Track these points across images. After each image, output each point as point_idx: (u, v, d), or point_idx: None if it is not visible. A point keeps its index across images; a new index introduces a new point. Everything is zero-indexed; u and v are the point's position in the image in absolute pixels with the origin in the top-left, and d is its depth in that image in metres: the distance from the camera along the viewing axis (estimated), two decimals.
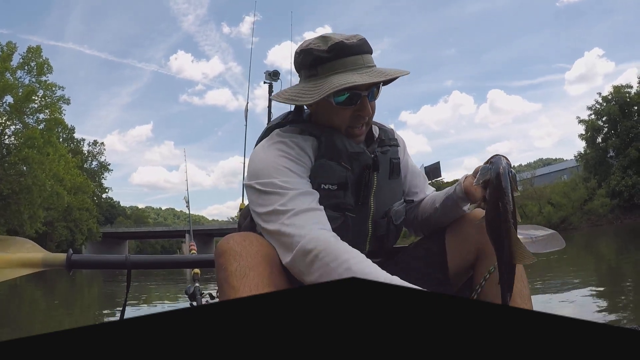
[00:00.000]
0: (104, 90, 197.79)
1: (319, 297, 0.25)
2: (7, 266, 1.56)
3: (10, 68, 34.63)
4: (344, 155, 1.33)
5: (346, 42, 1.28)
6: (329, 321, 0.23)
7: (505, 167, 1.16)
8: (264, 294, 0.25)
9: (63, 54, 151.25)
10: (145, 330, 0.23)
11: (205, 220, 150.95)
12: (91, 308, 7.83)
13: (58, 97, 37.80)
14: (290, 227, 1.14)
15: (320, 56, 1.30)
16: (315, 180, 1.29)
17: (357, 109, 1.32)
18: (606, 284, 6.45)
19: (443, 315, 0.24)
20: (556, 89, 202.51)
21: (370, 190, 1.39)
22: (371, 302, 0.25)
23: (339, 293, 0.25)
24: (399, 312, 0.24)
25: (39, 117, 37.18)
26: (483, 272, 1.33)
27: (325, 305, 0.24)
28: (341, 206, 1.32)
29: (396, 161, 1.49)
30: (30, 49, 36.25)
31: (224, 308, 0.25)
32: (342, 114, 1.33)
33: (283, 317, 0.24)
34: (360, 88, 1.28)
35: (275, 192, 1.20)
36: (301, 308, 0.24)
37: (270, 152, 1.29)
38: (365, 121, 1.37)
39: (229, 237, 1.18)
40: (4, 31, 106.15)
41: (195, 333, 0.23)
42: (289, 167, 1.25)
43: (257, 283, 1.08)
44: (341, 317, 0.23)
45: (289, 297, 0.26)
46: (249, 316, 0.24)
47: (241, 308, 0.25)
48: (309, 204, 1.19)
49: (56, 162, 37.20)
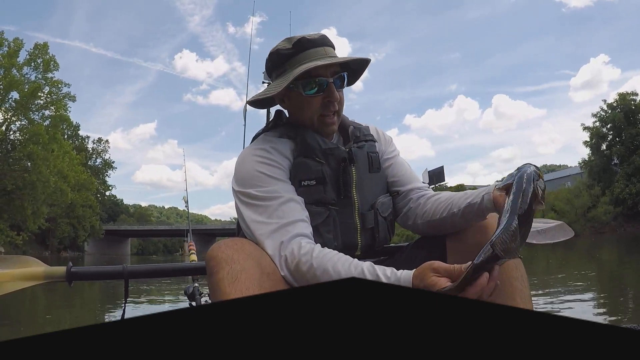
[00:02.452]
0: (109, 88, 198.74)
1: (319, 297, 0.25)
2: (10, 280, 1.66)
3: (16, 64, 34.81)
4: (317, 151, 1.41)
5: (308, 37, 1.40)
6: (328, 321, 0.23)
7: (531, 174, 1.12)
8: (264, 293, 0.25)
9: (69, 51, 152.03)
10: (145, 330, 0.23)
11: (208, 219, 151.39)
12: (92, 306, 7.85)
13: (64, 94, 37.98)
14: (272, 242, 1.23)
15: (285, 53, 1.40)
16: (296, 178, 1.37)
17: (325, 95, 1.39)
18: (608, 291, 6.43)
19: (443, 315, 0.24)
20: (561, 95, 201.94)
21: (351, 183, 1.43)
22: (371, 302, 0.24)
23: (338, 293, 0.25)
24: (399, 313, 0.24)
25: (45, 114, 37.38)
26: None
27: (325, 305, 0.24)
28: (323, 201, 1.38)
29: (374, 155, 1.53)
30: (37, 45, 36.46)
31: (224, 308, 0.25)
32: (312, 103, 1.40)
33: (282, 317, 0.24)
34: (326, 74, 1.37)
35: (256, 204, 1.30)
36: (301, 308, 0.24)
37: (250, 159, 1.37)
38: (336, 109, 1.43)
39: (220, 243, 1.19)
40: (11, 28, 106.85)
41: (195, 333, 0.23)
42: (269, 173, 1.34)
43: (247, 287, 1.08)
44: (341, 317, 0.23)
45: (289, 297, 0.26)
46: (249, 316, 0.24)
47: (241, 308, 0.25)
48: (289, 217, 1.26)
49: (60, 159, 37.38)
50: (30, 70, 36.21)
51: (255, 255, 1.17)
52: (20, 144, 35.17)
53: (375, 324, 0.23)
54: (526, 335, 0.23)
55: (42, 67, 36.28)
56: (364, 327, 0.23)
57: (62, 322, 5.51)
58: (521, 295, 1.25)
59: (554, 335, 0.23)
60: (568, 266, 11.15)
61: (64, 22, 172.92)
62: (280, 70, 1.43)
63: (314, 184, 1.38)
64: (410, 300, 0.25)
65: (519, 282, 1.25)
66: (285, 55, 1.40)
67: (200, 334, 0.23)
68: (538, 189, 1.10)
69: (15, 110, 35.41)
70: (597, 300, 5.70)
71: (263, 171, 1.33)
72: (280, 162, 1.37)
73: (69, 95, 38.47)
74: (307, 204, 1.34)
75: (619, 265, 11.04)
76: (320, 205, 1.37)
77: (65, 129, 46.03)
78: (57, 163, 36.55)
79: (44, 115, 37.31)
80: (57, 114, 37.63)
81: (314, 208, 1.34)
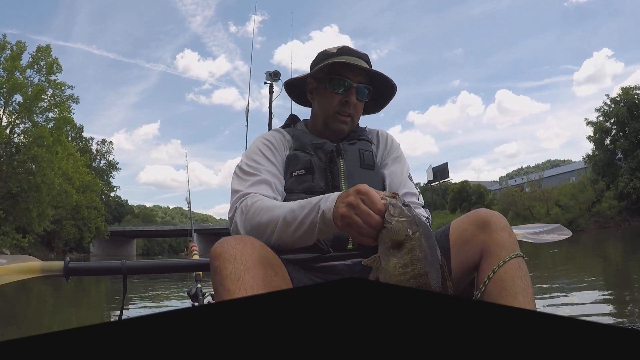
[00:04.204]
0: (112, 89, 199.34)
1: (318, 297, 0.25)
2: (6, 273, 1.67)
3: (20, 67, 34.90)
4: (307, 146, 1.57)
5: (351, 47, 1.59)
6: (328, 321, 0.23)
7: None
8: (265, 293, 0.25)
9: (72, 54, 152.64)
10: (146, 330, 0.23)
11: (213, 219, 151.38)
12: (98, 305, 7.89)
13: (67, 96, 38.05)
14: (235, 200, 1.43)
15: (329, 53, 1.60)
16: (288, 170, 1.54)
17: (344, 96, 1.54)
18: (613, 287, 6.42)
19: (444, 315, 0.24)
20: (564, 90, 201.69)
21: (338, 174, 1.54)
22: (371, 302, 0.24)
23: (338, 293, 0.25)
24: (399, 313, 0.24)
25: (48, 116, 37.46)
26: (487, 272, 1.33)
27: (325, 305, 0.24)
28: (312, 189, 1.49)
29: (367, 153, 1.62)
30: (40, 48, 36.54)
31: (224, 308, 0.25)
32: (333, 99, 1.56)
33: (283, 317, 0.24)
34: (351, 78, 1.53)
35: (240, 176, 1.50)
36: (302, 308, 0.24)
37: (257, 140, 1.62)
38: (350, 112, 1.57)
39: (223, 241, 1.18)
40: (13, 31, 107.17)
41: (196, 333, 0.23)
42: (263, 151, 1.55)
43: (252, 285, 1.08)
44: (341, 318, 0.23)
45: (289, 297, 0.25)
46: (249, 316, 0.24)
47: (241, 308, 0.25)
48: (259, 189, 1.44)
49: (65, 161, 37.44)
50: (33, 73, 36.35)
51: (260, 253, 1.17)
52: (25, 147, 35.24)
53: (375, 323, 0.23)
54: (526, 336, 0.23)
55: (45, 70, 36.36)
56: (364, 327, 0.23)
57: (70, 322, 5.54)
58: (524, 294, 1.23)
59: (554, 335, 0.22)
60: (574, 260, 11.13)
61: (67, 25, 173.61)
62: (320, 65, 1.58)
63: (303, 173, 1.52)
64: (411, 300, 0.25)
65: (522, 281, 1.24)
66: (328, 55, 1.59)
67: (201, 334, 0.23)
68: None
69: (19, 113, 35.53)
70: (603, 294, 5.69)
71: (260, 149, 1.55)
72: (278, 148, 1.58)
73: (73, 97, 38.58)
74: (297, 193, 1.47)
75: (624, 259, 11.01)
76: (309, 194, 1.44)
77: (69, 131, 46.01)
78: (62, 165, 36.62)
79: (48, 118, 37.43)
80: (61, 116, 37.67)
81: (303, 196, 1.38)
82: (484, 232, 1.31)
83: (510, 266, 1.23)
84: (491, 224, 1.32)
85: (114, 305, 7.34)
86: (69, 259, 1.77)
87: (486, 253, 1.34)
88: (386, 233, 1.02)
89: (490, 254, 1.30)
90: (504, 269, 1.23)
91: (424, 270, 0.98)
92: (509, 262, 1.23)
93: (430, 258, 0.99)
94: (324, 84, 1.57)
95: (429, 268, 0.98)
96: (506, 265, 1.23)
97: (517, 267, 1.26)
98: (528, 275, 1.27)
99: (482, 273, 1.35)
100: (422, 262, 0.98)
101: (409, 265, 0.98)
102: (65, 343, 0.22)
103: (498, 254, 1.25)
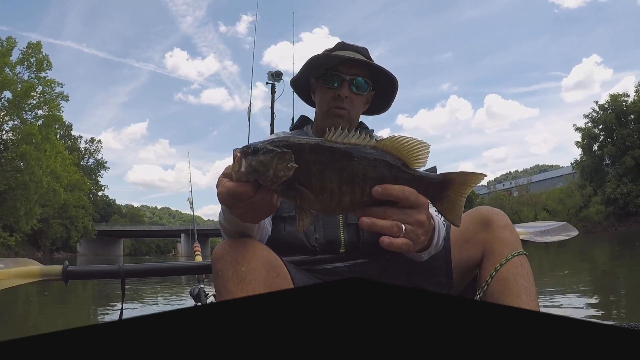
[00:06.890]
0: (102, 88, 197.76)
1: (319, 297, 0.25)
2: (6, 277, 1.69)
3: (9, 63, 34.44)
4: None
5: (350, 43, 1.60)
6: (329, 321, 0.23)
7: None
8: (266, 293, 0.25)
9: (62, 51, 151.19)
10: (146, 330, 0.23)
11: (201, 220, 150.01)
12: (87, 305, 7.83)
13: (57, 94, 37.61)
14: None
15: (327, 50, 1.61)
16: None
17: (336, 89, 1.51)
18: (599, 290, 6.49)
19: (445, 316, 0.24)
20: (553, 96, 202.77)
21: None
22: (371, 302, 0.24)
23: (339, 293, 0.25)
24: (400, 313, 0.24)
25: (37, 113, 36.99)
26: (490, 270, 1.30)
27: (326, 305, 0.24)
28: None
29: None
30: (30, 44, 36.07)
31: (225, 308, 0.25)
32: (326, 94, 1.54)
33: (284, 318, 0.24)
34: (344, 71, 1.51)
35: None
36: (302, 308, 0.24)
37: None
38: (344, 105, 1.51)
39: (225, 243, 1.18)
40: (3, 28, 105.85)
41: (197, 333, 0.23)
42: None
43: (254, 287, 1.08)
44: (342, 317, 0.23)
45: (291, 296, 0.25)
46: (250, 316, 0.24)
47: (243, 308, 0.24)
48: None
49: (53, 159, 37.00)
50: (23, 70, 35.87)
51: (262, 255, 1.16)
52: (13, 144, 34.77)
53: (375, 323, 0.23)
54: (527, 336, 0.23)
55: (35, 66, 35.89)
56: (365, 327, 0.23)
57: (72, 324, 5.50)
58: (526, 293, 1.23)
59: (554, 335, 0.22)
60: (561, 265, 11.22)
61: (58, 23, 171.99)
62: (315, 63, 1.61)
63: None
64: (411, 300, 0.25)
65: (525, 279, 1.23)
66: (326, 51, 1.60)
67: (202, 334, 0.23)
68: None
69: (8, 109, 35.05)
70: (590, 297, 5.76)
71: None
72: None
73: (62, 94, 38.11)
74: None
75: (611, 263, 11.12)
76: None
77: (58, 129, 45.51)
78: (50, 163, 36.20)
79: (37, 115, 36.93)
80: (50, 113, 37.24)
81: None
82: (486, 230, 1.31)
83: (513, 264, 1.23)
84: (493, 221, 1.32)
85: (108, 307, 7.29)
86: (67, 263, 1.78)
87: (488, 251, 1.32)
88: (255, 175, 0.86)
89: (493, 252, 1.30)
90: (506, 267, 1.23)
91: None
92: (511, 260, 1.23)
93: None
94: (320, 81, 1.56)
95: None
96: (509, 263, 1.23)
97: (520, 265, 1.25)
98: (531, 272, 1.26)
99: (485, 271, 1.33)
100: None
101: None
102: (65, 343, 0.22)
103: (500, 252, 1.25)
